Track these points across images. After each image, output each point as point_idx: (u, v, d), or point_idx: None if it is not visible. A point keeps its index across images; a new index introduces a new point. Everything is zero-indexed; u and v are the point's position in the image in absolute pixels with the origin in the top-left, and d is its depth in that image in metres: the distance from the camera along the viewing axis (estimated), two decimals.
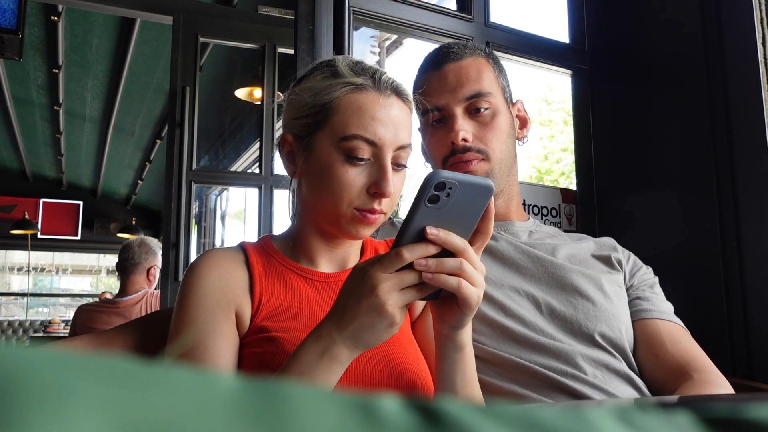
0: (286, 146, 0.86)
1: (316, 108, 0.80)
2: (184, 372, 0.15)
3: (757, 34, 1.40)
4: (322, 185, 0.79)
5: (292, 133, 0.84)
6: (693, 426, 0.19)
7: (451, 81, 1.07)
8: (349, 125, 0.77)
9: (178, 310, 0.78)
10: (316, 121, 0.80)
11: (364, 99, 0.79)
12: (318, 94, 0.80)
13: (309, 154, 0.81)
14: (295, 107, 0.84)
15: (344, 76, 0.80)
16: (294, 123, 0.84)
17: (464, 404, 0.17)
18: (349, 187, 0.77)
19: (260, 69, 2.93)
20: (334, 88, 0.79)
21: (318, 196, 0.80)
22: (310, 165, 0.81)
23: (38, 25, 4.10)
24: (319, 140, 0.80)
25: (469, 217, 0.65)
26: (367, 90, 0.79)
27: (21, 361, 0.13)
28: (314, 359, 0.63)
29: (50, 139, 6.77)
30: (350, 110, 0.78)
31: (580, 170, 1.88)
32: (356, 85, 0.79)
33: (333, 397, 0.16)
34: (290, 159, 0.85)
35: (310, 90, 0.82)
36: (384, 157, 0.78)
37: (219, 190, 5.91)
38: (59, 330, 5.55)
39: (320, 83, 0.82)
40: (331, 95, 0.79)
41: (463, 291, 0.63)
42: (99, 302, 2.81)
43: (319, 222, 0.84)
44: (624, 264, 1.11)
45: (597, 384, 0.93)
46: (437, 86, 1.07)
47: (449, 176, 0.61)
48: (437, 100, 1.07)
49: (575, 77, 1.89)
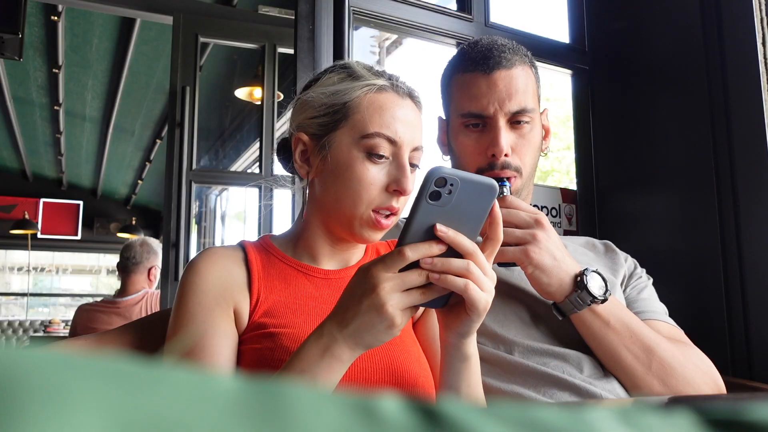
0: (299, 146, 0.85)
1: (335, 107, 0.81)
2: (184, 372, 0.15)
3: (757, 34, 1.40)
4: (341, 184, 0.79)
5: (307, 132, 0.84)
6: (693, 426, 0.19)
7: (501, 90, 1.02)
8: (370, 123, 0.79)
9: (177, 308, 0.79)
10: (335, 120, 0.81)
11: (385, 99, 0.81)
12: (336, 94, 0.82)
13: (327, 152, 0.81)
14: (312, 107, 0.84)
15: (364, 77, 0.82)
16: (310, 122, 0.84)
17: (464, 404, 0.17)
18: (369, 185, 0.78)
19: (260, 69, 2.93)
20: (354, 88, 0.81)
21: (335, 195, 0.80)
22: (329, 164, 0.81)
23: (38, 25, 4.10)
24: (338, 139, 0.80)
25: (474, 218, 0.63)
26: (387, 91, 0.81)
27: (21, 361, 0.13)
28: (315, 358, 0.63)
29: (50, 139, 6.77)
30: (371, 109, 0.80)
31: (580, 170, 1.88)
32: (377, 86, 0.81)
33: (333, 398, 0.16)
34: (304, 159, 0.85)
35: (327, 90, 0.83)
36: (403, 155, 0.79)
37: (219, 190, 5.91)
38: (59, 330, 5.55)
39: (338, 85, 0.83)
40: (351, 95, 0.81)
41: (471, 293, 0.62)
42: (99, 302, 2.81)
43: (330, 224, 0.83)
44: (622, 266, 1.11)
45: (596, 381, 0.93)
46: (486, 92, 1.02)
47: (450, 172, 0.60)
48: (484, 107, 1.02)
49: (575, 77, 1.89)
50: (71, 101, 5.53)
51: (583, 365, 0.95)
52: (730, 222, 1.40)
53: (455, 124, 1.07)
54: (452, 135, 1.08)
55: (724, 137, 1.43)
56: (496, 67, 1.02)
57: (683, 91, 1.56)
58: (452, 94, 1.08)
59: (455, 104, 1.06)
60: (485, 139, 1.02)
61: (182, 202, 2.68)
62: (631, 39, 1.74)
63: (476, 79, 1.03)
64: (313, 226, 0.86)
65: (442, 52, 1.73)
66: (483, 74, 1.02)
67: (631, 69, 1.73)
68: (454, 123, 1.07)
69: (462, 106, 1.04)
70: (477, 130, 1.04)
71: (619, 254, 1.14)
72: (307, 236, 0.86)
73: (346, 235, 0.83)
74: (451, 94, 1.08)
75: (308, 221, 0.86)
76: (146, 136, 6.39)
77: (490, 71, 1.02)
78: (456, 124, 1.07)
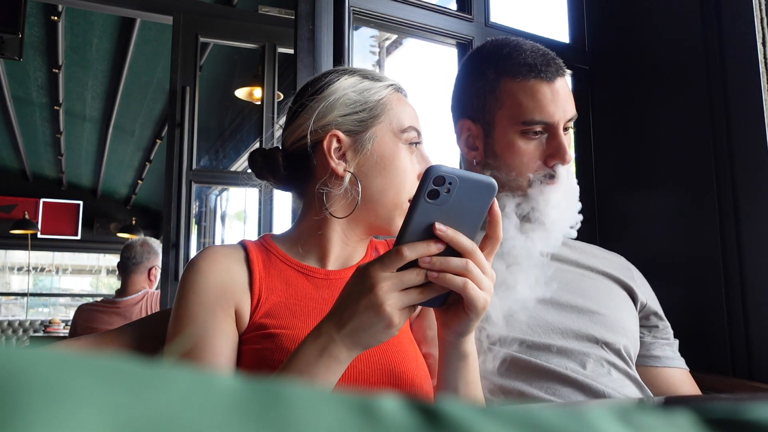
0: (333, 143, 0.85)
1: (369, 104, 0.87)
2: (184, 372, 0.15)
3: (757, 34, 1.39)
4: (388, 174, 0.85)
5: (342, 129, 0.86)
6: (693, 426, 0.19)
7: (562, 98, 1.03)
8: (405, 117, 0.88)
9: (177, 307, 0.78)
10: (372, 116, 0.87)
11: (403, 98, 0.92)
12: (365, 92, 0.88)
13: (370, 146, 0.86)
14: (343, 104, 0.87)
15: (382, 79, 0.92)
16: (344, 119, 0.86)
17: (464, 404, 0.17)
18: (411, 173, 0.86)
19: (260, 69, 2.93)
20: (380, 87, 0.90)
21: (380, 186, 0.85)
22: (372, 157, 0.85)
23: (38, 25, 4.10)
24: (380, 133, 0.86)
25: (473, 217, 0.63)
26: (400, 91, 0.93)
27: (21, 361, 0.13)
28: (313, 358, 0.62)
29: (50, 139, 6.77)
30: (400, 105, 0.89)
31: (580, 170, 1.88)
32: (396, 86, 0.92)
33: (333, 397, 0.16)
34: (340, 156, 0.86)
35: (355, 89, 0.88)
36: (423, 146, 0.91)
37: (219, 190, 5.91)
38: (59, 330, 5.55)
39: (362, 84, 0.89)
40: (381, 93, 0.89)
41: (469, 292, 0.61)
42: (99, 302, 2.80)
43: (367, 216, 0.86)
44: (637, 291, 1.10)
45: (598, 378, 0.93)
46: (552, 99, 1.02)
47: (449, 171, 0.60)
48: (551, 115, 1.02)
49: (575, 77, 1.89)
50: (71, 101, 5.53)
51: (586, 361, 0.95)
52: (730, 222, 1.40)
53: (510, 131, 1.04)
54: (501, 141, 1.05)
55: (724, 137, 1.43)
56: (556, 75, 1.04)
57: (683, 91, 1.56)
58: (504, 100, 1.04)
59: (511, 110, 1.03)
60: (546, 146, 1.03)
61: (182, 202, 2.68)
62: (631, 39, 1.74)
63: (540, 86, 1.03)
64: (332, 223, 0.86)
65: (442, 52, 1.73)
66: (547, 81, 1.03)
67: (631, 69, 1.73)
68: (506, 129, 1.04)
69: (523, 113, 1.02)
70: (536, 138, 1.03)
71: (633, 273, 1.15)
72: (320, 235, 0.86)
73: (385, 226, 0.87)
74: (502, 99, 1.04)
75: (326, 220, 0.86)
76: (146, 136, 6.39)
77: (553, 78, 1.03)
78: (511, 130, 1.04)
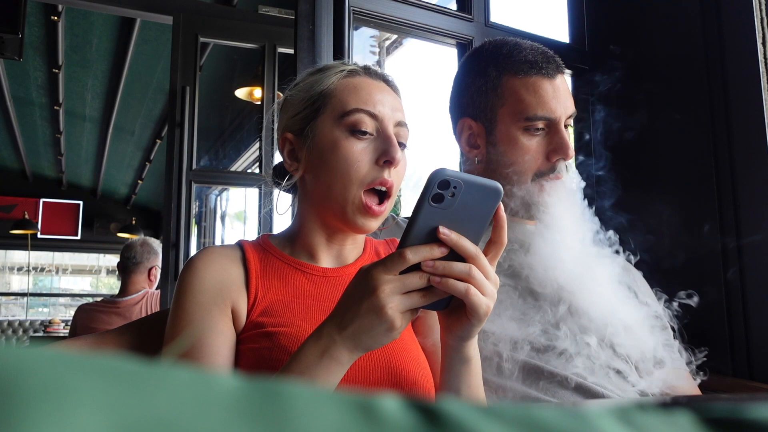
0: (287, 146, 0.86)
1: (312, 98, 0.83)
2: (184, 372, 0.15)
3: (757, 34, 1.39)
4: (329, 168, 0.80)
5: (292, 131, 0.86)
6: (693, 426, 0.19)
7: (562, 94, 1.04)
8: (348, 102, 0.81)
9: (175, 308, 0.78)
10: (314, 110, 0.83)
11: (359, 81, 0.83)
12: (311, 87, 0.84)
13: (311, 141, 0.82)
14: (292, 105, 0.86)
15: (334, 66, 0.85)
16: (292, 120, 0.86)
17: (464, 404, 0.17)
18: (356, 162, 0.78)
19: (260, 69, 2.92)
20: (327, 76, 0.84)
21: (326, 181, 0.80)
22: (314, 151, 0.82)
23: (38, 25, 4.10)
24: (319, 125, 0.82)
25: (477, 221, 0.62)
26: (360, 74, 0.84)
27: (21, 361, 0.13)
28: (314, 359, 0.62)
29: (50, 139, 6.76)
30: (347, 90, 0.82)
31: (579, 171, 1.88)
32: (348, 71, 0.84)
33: (333, 397, 0.16)
34: (292, 157, 0.86)
35: (302, 87, 0.86)
36: (387, 128, 0.80)
37: (219, 190, 5.90)
38: (59, 330, 5.55)
39: (311, 78, 0.86)
40: (326, 83, 0.83)
41: (472, 298, 0.61)
42: (99, 302, 2.80)
43: (325, 215, 0.83)
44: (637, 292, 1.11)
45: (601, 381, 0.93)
46: (553, 95, 1.03)
47: (454, 175, 0.59)
48: (553, 111, 1.03)
49: (575, 77, 1.89)
50: (71, 101, 5.52)
51: (588, 364, 0.95)
52: (730, 222, 1.40)
53: (513, 127, 1.04)
54: (504, 138, 1.05)
55: (724, 137, 1.43)
56: (556, 72, 1.05)
57: (683, 91, 1.56)
58: (506, 97, 1.05)
59: (513, 107, 1.04)
60: (548, 142, 1.04)
61: (182, 202, 2.68)
62: (631, 39, 1.74)
63: (542, 83, 1.04)
64: (308, 221, 0.86)
65: (443, 52, 1.73)
66: (548, 78, 1.04)
67: (631, 69, 1.73)
68: (509, 126, 1.05)
69: (526, 109, 1.03)
70: (538, 134, 1.04)
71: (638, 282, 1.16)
72: (304, 233, 0.86)
73: (340, 225, 0.82)
74: (504, 96, 1.05)
75: (303, 218, 0.87)
76: (146, 136, 6.39)
77: (554, 75, 1.05)
78: (514, 127, 1.04)
